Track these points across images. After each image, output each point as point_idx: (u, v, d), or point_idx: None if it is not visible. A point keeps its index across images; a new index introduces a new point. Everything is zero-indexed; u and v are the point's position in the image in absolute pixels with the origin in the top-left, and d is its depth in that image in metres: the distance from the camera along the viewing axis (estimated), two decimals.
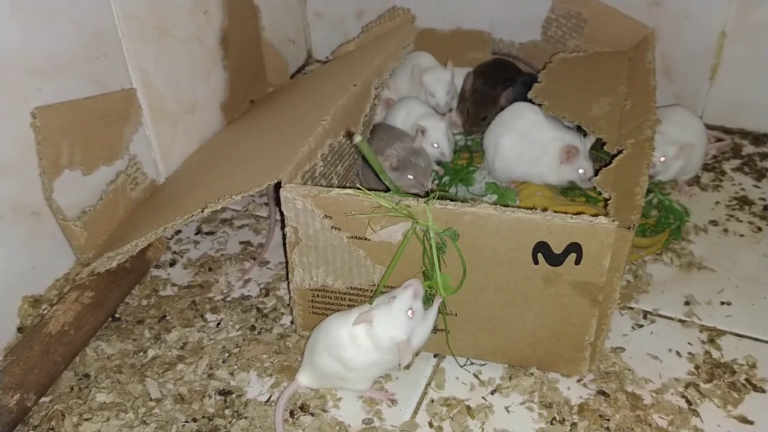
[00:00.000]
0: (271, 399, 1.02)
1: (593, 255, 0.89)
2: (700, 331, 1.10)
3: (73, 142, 1.15)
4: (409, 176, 1.24)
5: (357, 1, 1.80)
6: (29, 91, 1.08)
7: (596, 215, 0.87)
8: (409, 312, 0.91)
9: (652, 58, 1.39)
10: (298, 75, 1.86)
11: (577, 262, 0.90)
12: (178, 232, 1.36)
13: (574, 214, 0.88)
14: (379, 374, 1.01)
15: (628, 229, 0.88)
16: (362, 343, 0.93)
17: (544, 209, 0.90)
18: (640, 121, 1.17)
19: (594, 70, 1.47)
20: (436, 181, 1.38)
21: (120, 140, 1.26)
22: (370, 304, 0.95)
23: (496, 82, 1.46)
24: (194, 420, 0.98)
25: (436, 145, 1.35)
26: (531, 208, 0.90)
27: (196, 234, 1.35)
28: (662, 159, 1.30)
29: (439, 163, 1.39)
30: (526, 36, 1.66)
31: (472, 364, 1.05)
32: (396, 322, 0.91)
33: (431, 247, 0.93)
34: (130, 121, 1.27)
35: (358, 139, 0.98)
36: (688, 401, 0.99)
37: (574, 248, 0.89)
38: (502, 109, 1.41)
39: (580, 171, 1.25)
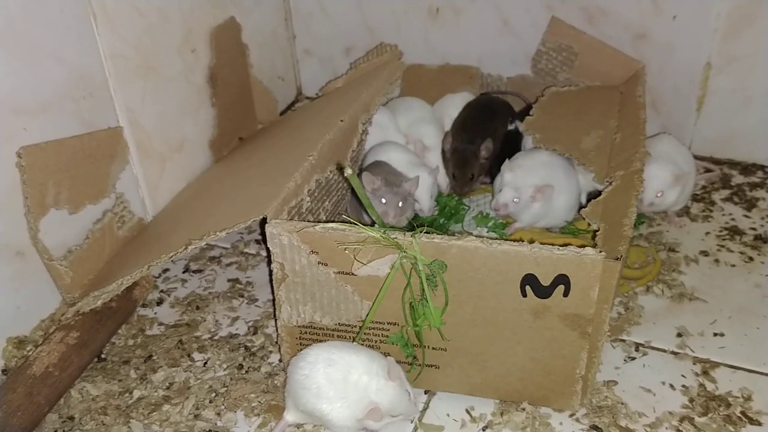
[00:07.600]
0: None
1: (581, 286, 0.88)
2: (694, 363, 1.09)
3: (59, 181, 1.15)
4: (383, 200, 1.22)
5: (345, 38, 1.81)
6: (14, 131, 1.08)
7: (583, 246, 0.87)
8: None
9: (642, 92, 1.40)
10: (288, 111, 1.87)
11: (566, 294, 0.89)
12: (166, 270, 1.34)
13: (560, 245, 0.87)
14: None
15: (616, 260, 0.88)
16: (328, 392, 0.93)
17: (531, 241, 0.89)
18: (629, 153, 1.18)
19: (585, 104, 1.47)
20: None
21: (106, 179, 1.25)
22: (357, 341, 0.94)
23: (474, 135, 1.43)
24: None
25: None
26: (518, 241, 0.90)
27: (184, 272, 1.34)
28: (659, 194, 1.30)
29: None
30: (514, 70, 1.67)
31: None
32: (396, 400, 0.93)
33: (421, 279, 0.92)
34: (117, 159, 1.26)
35: (348, 172, 0.98)
36: None
37: (562, 280, 0.88)
38: (484, 162, 1.41)
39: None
